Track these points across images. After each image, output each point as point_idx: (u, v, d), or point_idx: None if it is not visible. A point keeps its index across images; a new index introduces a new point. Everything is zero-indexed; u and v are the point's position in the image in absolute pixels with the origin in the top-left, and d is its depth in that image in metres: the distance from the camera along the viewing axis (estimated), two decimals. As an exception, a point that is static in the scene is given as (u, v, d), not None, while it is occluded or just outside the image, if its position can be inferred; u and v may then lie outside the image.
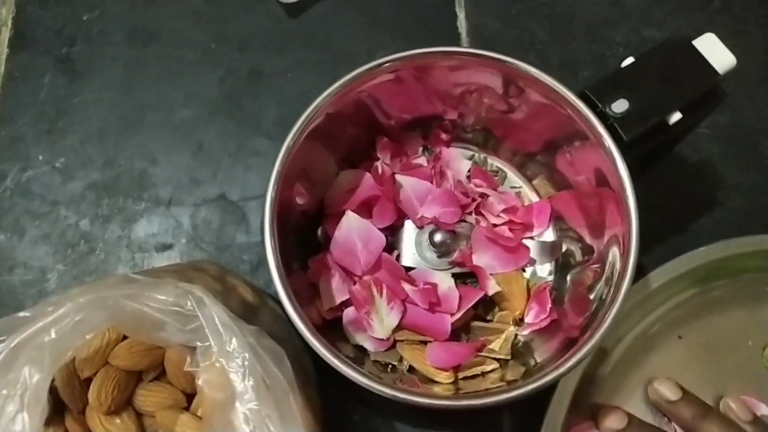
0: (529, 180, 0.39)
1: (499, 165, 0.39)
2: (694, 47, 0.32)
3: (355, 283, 0.34)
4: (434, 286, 0.35)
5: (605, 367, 0.36)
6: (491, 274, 0.35)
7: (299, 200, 0.34)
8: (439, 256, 0.36)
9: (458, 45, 0.46)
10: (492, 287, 0.35)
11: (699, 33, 0.32)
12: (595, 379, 0.35)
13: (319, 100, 0.30)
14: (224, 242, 0.42)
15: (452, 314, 0.34)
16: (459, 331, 0.36)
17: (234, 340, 0.26)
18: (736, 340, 0.38)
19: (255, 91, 0.45)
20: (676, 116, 0.31)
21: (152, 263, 0.42)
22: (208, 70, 0.46)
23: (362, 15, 0.47)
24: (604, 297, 0.29)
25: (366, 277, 0.35)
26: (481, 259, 0.35)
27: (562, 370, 0.28)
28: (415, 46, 0.46)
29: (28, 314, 0.26)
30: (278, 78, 0.45)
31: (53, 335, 0.25)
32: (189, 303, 0.27)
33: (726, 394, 0.36)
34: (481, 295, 0.35)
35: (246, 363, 0.25)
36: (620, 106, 0.30)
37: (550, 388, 0.32)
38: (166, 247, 0.42)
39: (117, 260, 0.42)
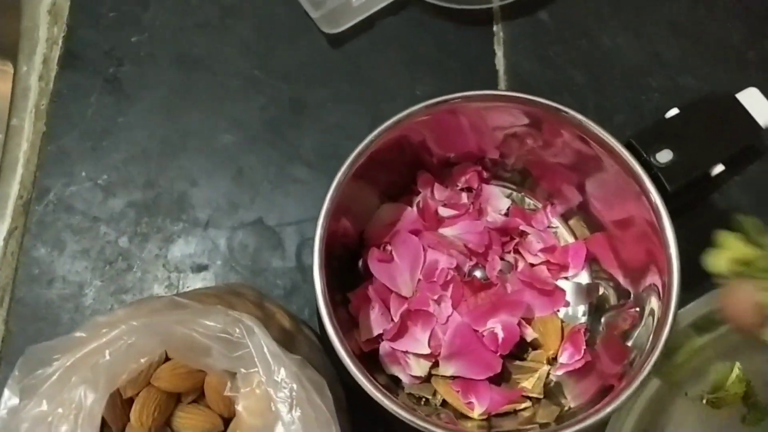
0: (566, 220, 0.39)
1: (536, 204, 0.40)
2: (737, 100, 0.33)
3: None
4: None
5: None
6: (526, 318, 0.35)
7: (342, 233, 0.34)
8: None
9: (496, 83, 0.47)
10: (529, 334, 0.35)
11: (734, 82, 0.32)
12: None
13: (371, 136, 0.31)
14: (259, 266, 0.42)
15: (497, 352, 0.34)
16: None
17: (282, 370, 0.26)
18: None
19: (296, 120, 0.46)
20: (719, 168, 0.31)
21: (188, 283, 0.42)
22: (251, 97, 0.46)
23: (402, 51, 0.48)
24: (642, 345, 0.29)
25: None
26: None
27: (600, 415, 0.28)
28: (453, 83, 0.46)
29: (83, 334, 0.26)
30: (319, 109, 0.46)
31: (107, 357, 0.26)
32: (238, 331, 0.27)
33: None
34: (518, 338, 0.35)
35: (294, 394, 0.26)
36: (665, 156, 0.31)
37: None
38: (201, 268, 0.43)
39: (153, 279, 0.42)
